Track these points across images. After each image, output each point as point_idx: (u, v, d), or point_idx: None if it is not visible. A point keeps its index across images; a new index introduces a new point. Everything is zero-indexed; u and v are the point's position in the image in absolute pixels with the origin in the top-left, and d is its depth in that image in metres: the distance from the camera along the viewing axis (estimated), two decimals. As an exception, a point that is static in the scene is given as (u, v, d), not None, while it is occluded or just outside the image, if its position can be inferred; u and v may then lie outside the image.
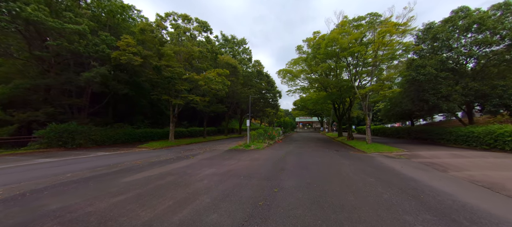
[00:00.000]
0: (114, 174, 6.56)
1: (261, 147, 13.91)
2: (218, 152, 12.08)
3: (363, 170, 6.81)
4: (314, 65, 20.96)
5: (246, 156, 10.31)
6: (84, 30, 14.24)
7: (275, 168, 7.21)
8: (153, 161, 9.04)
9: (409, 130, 20.94)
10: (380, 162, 8.52)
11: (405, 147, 13.96)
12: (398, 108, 20.19)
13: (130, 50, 14.72)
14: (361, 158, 9.56)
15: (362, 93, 14.38)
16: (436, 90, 13.75)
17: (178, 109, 19.21)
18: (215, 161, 8.95)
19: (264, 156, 10.16)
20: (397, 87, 15.13)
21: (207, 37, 19.67)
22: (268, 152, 11.83)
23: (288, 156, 10.20)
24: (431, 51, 15.95)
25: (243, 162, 8.51)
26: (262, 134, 17.39)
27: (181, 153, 12.02)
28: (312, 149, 13.84)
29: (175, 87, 16.99)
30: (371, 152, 11.85)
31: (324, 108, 39.31)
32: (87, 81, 14.95)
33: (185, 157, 10.03)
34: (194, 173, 6.54)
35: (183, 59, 18.16)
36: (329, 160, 8.96)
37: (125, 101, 24.78)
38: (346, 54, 14.43)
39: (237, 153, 11.61)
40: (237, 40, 30.84)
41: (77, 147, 15.24)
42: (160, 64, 15.98)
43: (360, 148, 13.53)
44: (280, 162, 8.55)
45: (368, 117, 14.94)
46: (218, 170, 7.05)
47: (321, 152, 11.93)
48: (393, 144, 15.57)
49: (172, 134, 19.01)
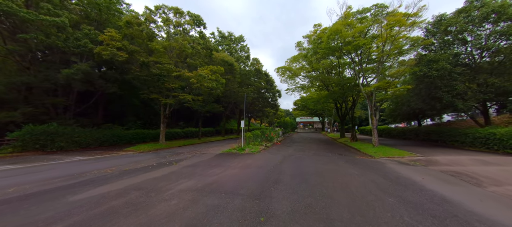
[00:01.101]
0: (68, 188, 5.29)
1: (257, 150, 12.61)
2: (207, 157, 10.80)
3: (376, 184, 5.49)
4: (315, 61, 19.62)
5: (237, 162, 9.01)
6: (63, 23, 13.02)
7: (267, 180, 5.91)
8: (128, 168, 7.77)
9: (417, 130, 19.53)
10: (393, 170, 7.18)
11: (416, 150, 12.60)
12: (406, 108, 18.80)
13: (114, 45, 13.49)
14: (369, 165, 8.23)
15: (368, 91, 13.04)
16: (450, 87, 12.39)
17: (170, 109, 17.96)
18: (199, 168, 7.66)
19: (257, 162, 8.86)
20: (402, 86, 13.76)
21: (201, 32, 18.45)
22: (263, 157, 10.53)
23: (285, 162, 8.90)
24: (443, 45, 14.59)
25: (231, 171, 7.21)
26: (259, 135, 16.09)
27: (166, 157, 10.75)
28: (313, 152, 12.53)
29: (165, 85, 15.74)
30: (380, 156, 10.52)
31: (326, 108, 37.93)
32: (67, 79, 13.73)
33: (168, 164, 8.76)
34: (166, 188, 5.25)
35: (174, 56, 16.91)
36: (333, 168, 7.64)
37: (116, 101, 23.59)
38: (350, 48, 13.10)
39: (228, 157, 10.32)
40: (234, 37, 29.57)
41: (58, 151, 14.04)
42: (147, 61, 14.75)
43: (366, 151, 12.19)
44: (275, 170, 7.24)
45: (374, 117, 13.60)
46: (198, 182, 5.76)
47: (323, 157, 10.61)
48: (401, 147, 14.20)
49: (163, 135, 17.76)
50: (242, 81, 27.59)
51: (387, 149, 12.37)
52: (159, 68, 14.86)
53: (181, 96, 16.00)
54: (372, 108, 13.65)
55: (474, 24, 13.46)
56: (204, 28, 18.50)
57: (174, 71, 15.26)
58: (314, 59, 19.08)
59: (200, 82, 15.98)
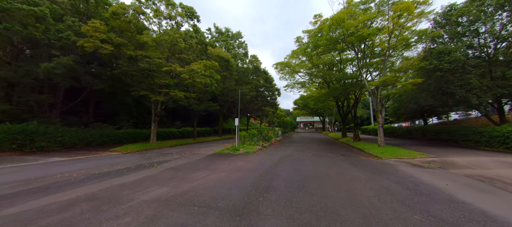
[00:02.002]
0: (5, 199, 4.25)
1: (252, 151, 11.55)
2: (196, 157, 9.74)
3: (391, 192, 4.41)
4: (315, 57, 18.54)
5: (227, 163, 7.95)
6: (43, 13, 12.02)
7: (257, 187, 4.84)
8: (98, 172, 6.72)
9: (424, 129, 18.37)
10: (408, 174, 6.09)
11: (427, 150, 11.49)
12: (412, 105, 17.67)
13: (98, 37, 12.47)
14: (378, 168, 7.14)
15: (373, 85, 11.95)
16: (464, 81, 11.27)
17: (161, 107, 16.94)
18: (181, 172, 6.60)
19: (250, 164, 7.80)
20: (410, 80, 12.60)
21: (194, 25, 17.41)
22: (258, 158, 9.45)
23: (281, 164, 7.82)
24: (454, 37, 13.47)
25: (217, 174, 6.15)
26: (256, 135, 15.02)
27: (150, 159, 9.70)
28: (314, 153, 11.44)
29: (154, 81, 14.70)
30: (387, 157, 9.43)
31: (326, 107, 36.81)
32: (48, 74, 12.72)
33: (148, 166, 7.70)
34: (128, 198, 4.20)
35: (166, 50, 15.88)
36: (336, 171, 6.56)
37: (108, 99, 22.59)
38: (353, 40, 12.01)
39: (218, 158, 9.25)
40: (232, 33, 28.54)
41: (38, 151, 13.03)
42: (135, 54, 13.72)
43: (371, 151, 11.09)
44: (268, 174, 6.17)
45: (380, 114, 12.50)
46: (171, 190, 4.70)
47: (324, 158, 9.52)
48: (409, 147, 13.09)
49: (154, 135, 16.74)
50: (240, 79, 26.55)
51: (394, 149, 11.27)
52: (148, 62, 13.83)
53: (172, 93, 14.95)
54: (377, 105, 12.56)
55: (488, 14, 12.34)
56: (197, 21, 17.49)
57: (164, 66, 14.22)
58: (315, 54, 17.99)
59: (192, 78, 14.93)
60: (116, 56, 14.35)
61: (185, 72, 14.64)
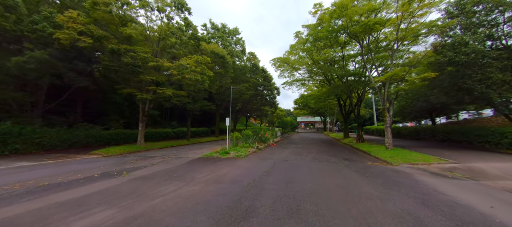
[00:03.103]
0: None
1: (244, 154, 10.30)
2: (178, 162, 8.52)
3: (420, 221, 3.13)
4: (315, 52, 17.26)
5: (210, 171, 6.71)
6: (13, 2, 10.86)
7: (234, 210, 3.59)
8: (50, 182, 5.51)
9: (434, 130, 16.99)
10: (431, 188, 4.81)
11: (442, 153, 10.17)
12: (421, 103, 16.33)
13: (75, 28, 11.29)
14: (392, 178, 5.86)
15: (380, 81, 10.66)
16: (484, 75, 9.94)
17: (150, 106, 15.74)
18: (148, 184, 5.37)
19: (236, 172, 6.55)
20: (422, 74, 11.23)
21: (185, 19, 16.20)
22: (248, 163, 8.21)
23: (274, 172, 6.57)
24: (468, 27, 12.13)
25: (189, 188, 4.92)
26: (250, 136, 13.77)
27: (126, 164, 8.49)
28: (313, 156, 10.17)
29: (140, 77, 13.50)
30: (398, 162, 8.14)
31: (328, 107, 35.48)
32: (19, 69, 11.57)
33: (115, 174, 6.48)
34: (55, 226, 2.97)
35: (155, 45, 14.68)
36: (340, 184, 5.30)
37: (97, 98, 21.46)
38: (357, 30, 10.72)
39: (202, 164, 8.02)
40: (228, 29, 27.28)
41: (12, 154, 11.90)
42: (118, 48, 12.52)
43: (379, 155, 9.80)
44: (254, 188, 4.93)
45: (387, 113, 11.20)
46: (118, 213, 3.47)
47: (325, 163, 8.26)
48: (420, 149, 11.77)
49: (142, 136, 15.55)
50: (237, 77, 25.30)
51: (405, 152, 9.97)
52: (133, 57, 12.63)
53: (159, 91, 13.74)
54: (384, 103, 11.26)
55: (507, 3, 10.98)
56: (188, 13, 16.26)
57: (151, 61, 13.01)
58: (315, 49, 16.72)
59: (182, 74, 13.72)
60: (98, 51, 13.18)
61: (174, 68, 13.44)
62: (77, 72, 15.81)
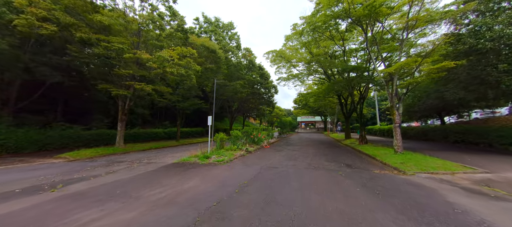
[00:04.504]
0: None
1: (228, 158, 8.75)
2: (143, 170, 6.97)
3: None
4: (313, 45, 15.68)
5: (171, 184, 5.16)
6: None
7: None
8: None
9: (445, 130, 15.31)
10: (478, 219, 3.22)
11: (463, 159, 8.55)
12: (432, 100, 14.66)
13: (36, 13, 9.80)
14: (410, 196, 4.28)
15: (389, 72, 9.06)
16: None
17: (129, 104, 14.23)
18: (76, 203, 3.83)
19: (203, 187, 4.99)
20: (439, 63, 9.51)
21: (170, 7, 14.70)
22: (226, 172, 6.64)
23: (253, 186, 5.00)
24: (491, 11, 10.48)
25: (122, 215, 3.36)
26: (239, 137, 12.20)
27: (81, 171, 6.96)
28: (308, 162, 8.58)
29: (115, 71, 11.99)
30: (412, 170, 6.55)
31: (328, 106, 33.83)
32: (-28, 60, 10.08)
33: (44, 189, 4.94)
34: None
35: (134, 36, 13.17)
36: (341, 208, 3.71)
37: (79, 95, 19.99)
38: (361, 13, 9.12)
39: (170, 173, 6.47)
40: (222, 23, 25.73)
41: (-34, 157, 10.44)
42: (88, 37, 11.02)
43: (387, 161, 8.19)
44: (212, 217, 3.36)
45: (396, 111, 9.59)
46: None
47: (322, 172, 6.67)
48: (434, 153, 10.13)
49: (120, 137, 14.05)
50: (231, 74, 23.73)
51: (418, 157, 8.35)
52: (106, 48, 11.13)
53: (137, 86, 12.20)
54: (392, 99, 9.64)
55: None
56: (173, 2, 14.73)
57: (126, 53, 11.48)
58: (313, 42, 15.14)
59: (162, 68, 12.20)
60: (68, 41, 11.67)
61: (153, 61, 11.90)
62: (51, 66, 14.32)
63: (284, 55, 16.60)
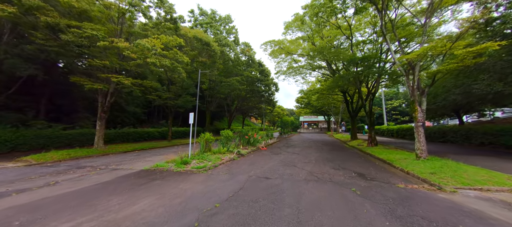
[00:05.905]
0: None
1: (213, 163, 7.13)
2: (101, 179, 5.41)
3: None
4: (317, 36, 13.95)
5: (108, 209, 3.56)
6: None
7: None
8: None
9: (470, 131, 13.33)
10: None
11: (502, 166, 6.76)
12: (454, 96, 12.75)
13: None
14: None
15: (410, 59, 7.30)
16: None
17: (110, 100, 12.76)
18: None
19: (155, 212, 3.38)
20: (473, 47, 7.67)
21: (157, -7, 13.19)
22: (200, 186, 5.01)
23: (226, 213, 3.36)
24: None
25: None
26: (231, 137, 10.57)
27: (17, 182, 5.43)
28: (310, 169, 6.89)
29: (90, 61, 10.50)
30: (450, 184, 4.83)
31: (332, 104, 31.92)
32: None
33: None
34: None
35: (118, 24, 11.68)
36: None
37: (65, 92, 18.67)
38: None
39: (122, 188, 4.88)
40: (219, 16, 24.15)
41: None
42: (56, 22, 9.54)
43: (408, 168, 6.45)
44: None
45: (419, 107, 7.83)
46: None
47: (327, 186, 4.99)
48: (463, 158, 8.33)
49: (100, 137, 12.59)
50: (228, 70, 22.16)
51: (451, 165, 6.56)
52: (77, 35, 9.64)
53: (114, 79, 10.68)
54: (414, 92, 7.88)
55: None
56: (160, -14, 13.21)
57: (101, 41, 9.96)
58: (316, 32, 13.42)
59: (142, 58, 10.66)
60: (34, 27, 10.22)
61: (132, 50, 10.36)
62: (23, 58, 12.92)
63: (284, 47, 14.88)
